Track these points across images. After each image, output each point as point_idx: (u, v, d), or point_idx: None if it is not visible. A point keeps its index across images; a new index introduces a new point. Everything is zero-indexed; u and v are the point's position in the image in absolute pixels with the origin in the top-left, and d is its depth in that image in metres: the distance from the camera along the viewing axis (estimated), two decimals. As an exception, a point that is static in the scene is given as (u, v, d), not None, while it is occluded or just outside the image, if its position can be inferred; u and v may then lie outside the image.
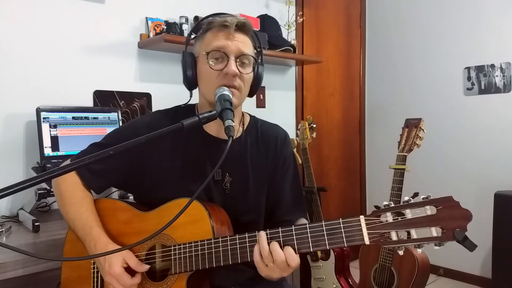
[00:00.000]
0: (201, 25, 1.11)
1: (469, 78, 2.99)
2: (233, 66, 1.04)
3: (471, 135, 2.99)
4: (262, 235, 0.92)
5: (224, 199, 1.12)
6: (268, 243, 0.91)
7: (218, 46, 1.05)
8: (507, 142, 2.82)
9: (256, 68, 1.13)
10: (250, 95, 1.17)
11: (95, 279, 1.09)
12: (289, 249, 0.90)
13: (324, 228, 0.87)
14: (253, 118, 1.24)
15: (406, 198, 0.83)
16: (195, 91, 1.18)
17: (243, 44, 1.07)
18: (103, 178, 1.13)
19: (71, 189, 1.10)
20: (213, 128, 1.13)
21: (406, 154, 1.93)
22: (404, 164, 1.92)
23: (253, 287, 1.15)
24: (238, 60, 1.06)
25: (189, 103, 1.19)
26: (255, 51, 1.14)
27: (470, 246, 0.76)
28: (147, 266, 1.02)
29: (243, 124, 1.19)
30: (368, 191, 3.67)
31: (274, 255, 0.89)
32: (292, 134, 2.95)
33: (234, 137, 1.14)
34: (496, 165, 2.86)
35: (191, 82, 1.12)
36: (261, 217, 1.18)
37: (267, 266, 0.91)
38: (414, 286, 1.93)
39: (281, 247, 0.90)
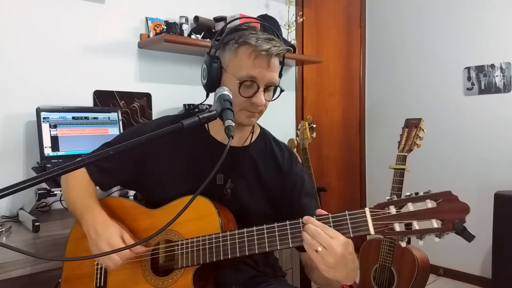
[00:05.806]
0: (233, 31, 1.06)
1: (469, 78, 2.99)
2: (262, 98, 1.04)
3: (471, 135, 2.99)
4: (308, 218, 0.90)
5: (224, 204, 1.12)
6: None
7: (251, 76, 1.03)
8: (507, 142, 2.82)
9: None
10: None
11: (98, 275, 1.09)
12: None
13: (331, 220, 0.90)
14: (263, 131, 1.24)
15: (408, 193, 0.87)
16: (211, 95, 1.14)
17: (275, 72, 1.06)
18: (110, 176, 1.15)
19: (78, 178, 1.14)
20: (220, 134, 1.13)
21: (406, 154, 1.93)
22: (404, 164, 1.92)
23: (254, 286, 1.15)
24: (266, 88, 1.06)
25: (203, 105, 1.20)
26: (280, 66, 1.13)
27: (469, 236, 0.80)
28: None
29: (252, 134, 1.19)
30: (368, 191, 3.67)
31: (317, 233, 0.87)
32: (292, 134, 2.95)
33: (242, 145, 1.15)
34: (496, 165, 2.86)
35: (212, 89, 1.07)
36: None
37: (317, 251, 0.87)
38: (414, 286, 1.93)
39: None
